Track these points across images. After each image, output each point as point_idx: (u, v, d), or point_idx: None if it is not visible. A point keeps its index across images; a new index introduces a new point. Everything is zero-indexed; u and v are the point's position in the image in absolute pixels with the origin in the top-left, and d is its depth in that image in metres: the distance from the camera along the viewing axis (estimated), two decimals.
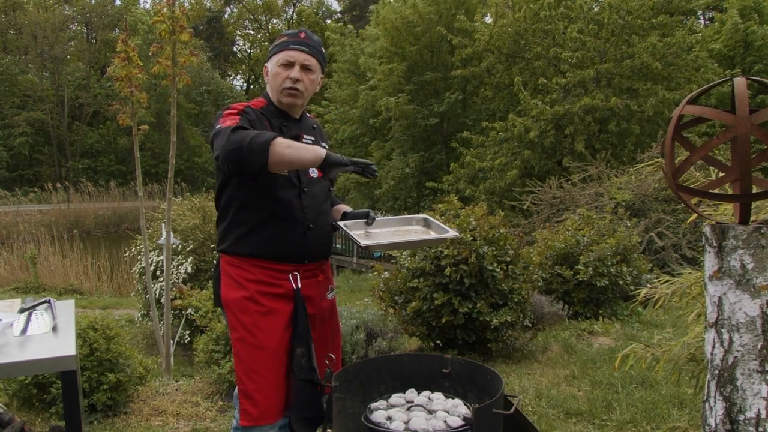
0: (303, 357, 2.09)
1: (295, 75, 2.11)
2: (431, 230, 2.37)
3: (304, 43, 2.13)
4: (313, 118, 2.39)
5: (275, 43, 2.19)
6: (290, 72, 2.11)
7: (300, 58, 2.12)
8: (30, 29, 31.96)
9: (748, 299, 1.45)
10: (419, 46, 16.42)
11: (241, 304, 2.11)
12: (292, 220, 2.11)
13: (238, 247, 2.14)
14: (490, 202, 12.13)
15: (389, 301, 4.83)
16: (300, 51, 2.12)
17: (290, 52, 2.12)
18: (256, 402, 2.06)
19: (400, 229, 2.40)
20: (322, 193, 2.22)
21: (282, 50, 2.13)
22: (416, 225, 2.43)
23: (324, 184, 2.24)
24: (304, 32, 2.17)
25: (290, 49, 2.12)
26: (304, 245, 2.14)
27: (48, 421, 3.53)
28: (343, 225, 2.26)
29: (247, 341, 2.09)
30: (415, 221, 2.46)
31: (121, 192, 25.83)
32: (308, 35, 2.17)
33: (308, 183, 2.16)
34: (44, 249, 12.50)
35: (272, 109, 2.18)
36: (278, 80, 2.13)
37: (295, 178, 2.13)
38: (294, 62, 2.11)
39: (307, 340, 2.11)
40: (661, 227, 8.06)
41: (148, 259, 5.63)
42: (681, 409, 3.44)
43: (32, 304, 2.36)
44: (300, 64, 2.12)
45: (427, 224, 2.41)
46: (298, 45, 2.12)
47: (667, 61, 12.48)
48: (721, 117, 1.49)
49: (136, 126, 4.72)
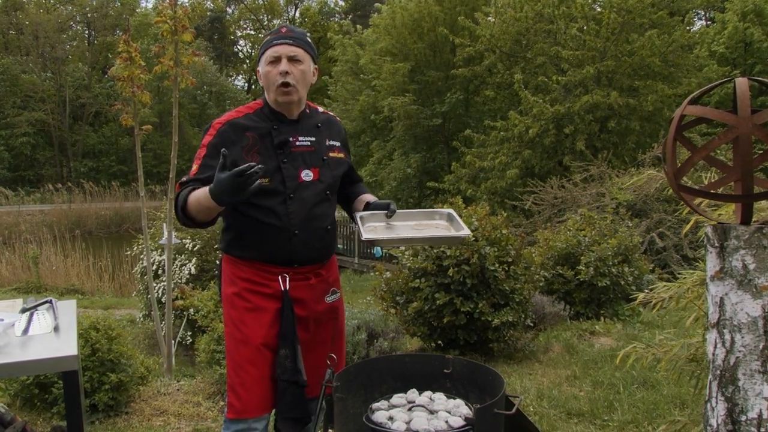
0: (287, 358, 2.10)
1: (284, 68, 2.09)
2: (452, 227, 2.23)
3: (287, 36, 2.13)
4: (326, 114, 2.34)
5: (261, 45, 2.20)
6: (278, 67, 2.10)
7: (285, 51, 2.10)
8: (31, 29, 31.99)
9: (749, 299, 1.45)
10: (423, 45, 16.39)
11: (231, 299, 2.16)
12: (276, 226, 2.10)
13: (232, 249, 2.20)
14: (491, 202, 12.13)
15: (391, 301, 4.83)
16: (284, 44, 2.11)
17: (274, 47, 2.11)
18: (240, 396, 2.10)
19: (421, 223, 2.27)
20: (314, 196, 2.17)
21: (267, 48, 2.13)
22: (440, 220, 2.30)
23: (319, 186, 2.18)
24: (285, 27, 2.17)
25: (274, 45, 2.12)
26: (290, 251, 2.13)
27: (50, 421, 3.53)
28: (359, 216, 2.20)
29: (234, 336, 2.15)
30: (438, 216, 2.32)
31: (123, 192, 25.85)
32: (289, 28, 2.16)
33: (296, 188, 2.13)
34: (46, 249, 12.51)
35: (267, 111, 2.16)
36: (269, 78, 2.12)
37: (281, 184, 2.10)
38: (280, 56, 2.10)
39: (293, 341, 2.11)
40: (662, 227, 8.06)
41: (150, 259, 5.63)
42: (682, 410, 3.44)
43: (34, 304, 2.37)
44: (286, 56, 2.10)
45: (450, 219, 2.27)
46: (281, 39, 2.12)
47: (667, 60, 12.47)
48: (722, 117, 1.49)
49: (139, 126, 4.72)
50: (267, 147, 2.10)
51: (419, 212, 2.35)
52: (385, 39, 16.89)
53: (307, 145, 2.18)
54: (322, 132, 2.25)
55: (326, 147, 2.24)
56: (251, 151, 2.08)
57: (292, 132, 2.16)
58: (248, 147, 2.08)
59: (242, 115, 2.15)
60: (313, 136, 2.21)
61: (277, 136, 2.12)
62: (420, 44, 16.37)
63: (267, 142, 2.11)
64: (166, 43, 4.50)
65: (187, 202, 2.00)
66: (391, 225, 2.20)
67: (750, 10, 16.72)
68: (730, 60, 16.80)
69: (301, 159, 2.15)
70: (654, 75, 12.55)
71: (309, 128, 2.22)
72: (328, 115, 2.34)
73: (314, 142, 2.20)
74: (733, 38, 16.52)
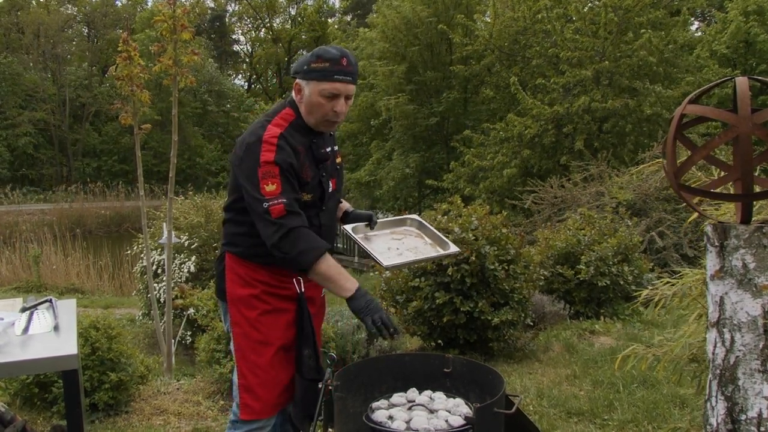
0: (311, 358, 2.14)
1: (341, 109, 2.03)
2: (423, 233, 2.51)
3: (349, 72, 2.01)
4: None
5: (314, 66, 2.01)
6: (335, 105, 2.02)
7: (345, 90, 2.02)
8: (33, 29, 31.97)
9: (749, 299, 1.45)
10: (420, 46, 16.40)
11: (248, 301, 2.15)
12: None
13: (254, 256, 2.15)
14: (490, 201, 12.14)
15: (390, 300, 4.83)
16: (346, 83, 2.01)
17: (336, 84, 1.99)
18: (258, 396, 2.11)
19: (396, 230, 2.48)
20: (335, 205, 2.27)
21: (325, 80, 1.99)
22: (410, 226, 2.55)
23: (336, 196, 2.26)
24: (345, 57, 2.01)
25: (335, 80, 1.99)
26: None
27: (50, 421, 3.53)
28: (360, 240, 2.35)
29: (252, 337, 2.14)
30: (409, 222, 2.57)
31: (124, 191, 25.85)
32: (349, 60, 2.02)
33: (327, 199, 2.16)
34: (46, 248, 12.49)
35: (302, 124, 2.10)
36: (321, 111, 2.04)
37: (318, 199, 2.12)
38: (340, 95, 2.02)
39: (314, 341, 2.16)
40: (662, 227, 8.05)
41: (150, 259, 5.63)
42: (682, 409, 3.44)
43: (34, 304, 2.37)
44: (345, 95, 2.03)
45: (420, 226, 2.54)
46: (343, 76, 2.00)
47: (667, 60, 12.46)
48: (723, 116, 1.49)
49: (139, 125, 4.72)
50: (310, 162, 2.09)
51: (390, 221, 2.60)
52: (380, 42, 16.91)
53: (329, 156, 2.20)
54: (332, 140, 2.29)
55: (335, 153, 2.28)
56: (303, 167, 2.05)
57: (322, 145, 2.17)
58: (300, 164, 2.05)
59: (285, 129, 2.07)
60: (329, 146, 2.22)
61: (317, 150, 2.12)
62: (417, 45, 16.37)
63: (309, 156, 2.10)
64: (165, 42, 4.49)
65: (322, 260, 1.98)
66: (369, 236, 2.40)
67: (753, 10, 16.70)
68: (731, 60, 16.77)
69: (327, 170, 2.19)
70: (653, 75, 12.54)
71: (328, 138, 2.23)
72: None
73: (330, 152, 2.22)
74: (734, 37, 16.49)
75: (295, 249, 1.97)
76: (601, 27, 12.27)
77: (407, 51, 16.43)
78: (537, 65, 13.51)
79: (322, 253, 1.99)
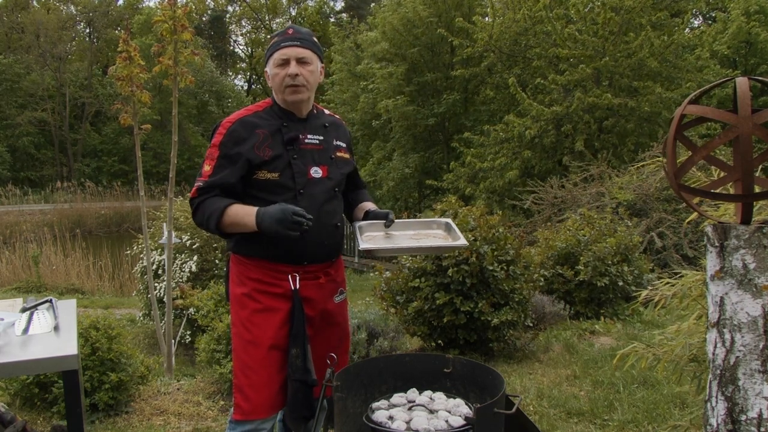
0: (298, 358, 2.11)
1: (293, 71, 2.12)
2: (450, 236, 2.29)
3: (294, 38, 2.16)
4: (332, 116, 2.37)
5: (268, 47, 2.22)
6: (287, 69, 2.13)
7: (293, 53, 2.14)
8: (33, 28, 31.97)
9: (750, 299, 1.45)
10: (420, 47, 16.40)
11: (241, 300, 2.16)
12: None
13: (240, 247, 2.19)
14: (490, 201, 12.13)
15: (391, 300, 4.83)
16: (292, 47, 2.14)
17: (283, 50, 2.14)
18: (248, 397, 2.10)
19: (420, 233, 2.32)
20: (323, 193, 2.19)
21: (275, 51, 2.16)
22: (438, 229, 2.36)
23: (328, 184, 2.21)
24: (291, 28, 2.20)
25: (282, 47, 2.14)
26: (301, 248, 2.13)
27: (50, 421, 3.53)
28: (357, 226, 2.26)
29: (243, 336, 2.14)
30: (436, 225, 2.39)
31: (124, 191, 25.85)
32: (296, 29, 2.19)
33: (306, 184, 2.14)
34: (46, 248, 12.50)
35: (276, 109, 2.20)
36: (278, 80, 2.15)
37: (290, 180, 2.12)
38: (288, 59, 2.13)
39: (303, 341, 2.12)
40: (662, 227, 8.05)
41: (150, 259, 5.63)
42: (683, 409, 3.44)
43: (34, 304, 2.37)
44: (294, 59, 2.14)
45: (448, 229, 2.33)
46: (288, 41, 2.15)
47: (668, 61, 12.45)
48: (723, 117, 1.49)
49: (139, 125, 4.72)
50: (277, 143, 2.13)
51: (417, 222, 2.43)
52: (381, 42, 16.89)
53: (316, 143, 2.21)
54: (329, 132, 2.28)
55: (333, 146, 2.27)
56: (262, 146, 2.11)
57: (301, 129, 2.20)
58: (259, 143, 2.11)
59: (252, 113, 2.19)
60: (321, 135, 2.24)
61: (287, 133, 2.15)
62: (417, 46, 16.36)
63: (277, 138, 2.14)
64: (165, 42, 4.50)
65: (223, 217, 2.05)
66: (390, 234, 2.26)
67: (755, 11, 16.71)
68: (732, 61, 16.77)
69: (310, 156, 2.18)
70: (653, 75, 12.53)
71: (317, 127, 2.25)
72: (334, 117, 2.38)
73: (322, 141, 2.23)
74: (736, 38, 16.48)
75: (204, 218, 2.09)
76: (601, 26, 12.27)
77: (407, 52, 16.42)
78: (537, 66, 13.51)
79: (221, 211, 2.05)
